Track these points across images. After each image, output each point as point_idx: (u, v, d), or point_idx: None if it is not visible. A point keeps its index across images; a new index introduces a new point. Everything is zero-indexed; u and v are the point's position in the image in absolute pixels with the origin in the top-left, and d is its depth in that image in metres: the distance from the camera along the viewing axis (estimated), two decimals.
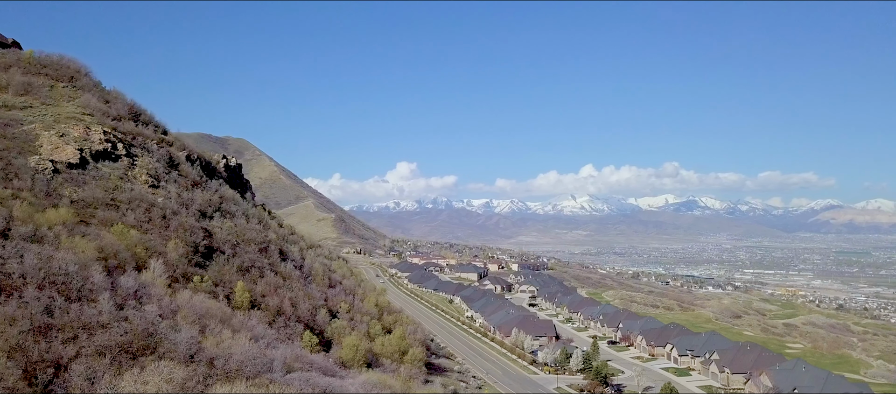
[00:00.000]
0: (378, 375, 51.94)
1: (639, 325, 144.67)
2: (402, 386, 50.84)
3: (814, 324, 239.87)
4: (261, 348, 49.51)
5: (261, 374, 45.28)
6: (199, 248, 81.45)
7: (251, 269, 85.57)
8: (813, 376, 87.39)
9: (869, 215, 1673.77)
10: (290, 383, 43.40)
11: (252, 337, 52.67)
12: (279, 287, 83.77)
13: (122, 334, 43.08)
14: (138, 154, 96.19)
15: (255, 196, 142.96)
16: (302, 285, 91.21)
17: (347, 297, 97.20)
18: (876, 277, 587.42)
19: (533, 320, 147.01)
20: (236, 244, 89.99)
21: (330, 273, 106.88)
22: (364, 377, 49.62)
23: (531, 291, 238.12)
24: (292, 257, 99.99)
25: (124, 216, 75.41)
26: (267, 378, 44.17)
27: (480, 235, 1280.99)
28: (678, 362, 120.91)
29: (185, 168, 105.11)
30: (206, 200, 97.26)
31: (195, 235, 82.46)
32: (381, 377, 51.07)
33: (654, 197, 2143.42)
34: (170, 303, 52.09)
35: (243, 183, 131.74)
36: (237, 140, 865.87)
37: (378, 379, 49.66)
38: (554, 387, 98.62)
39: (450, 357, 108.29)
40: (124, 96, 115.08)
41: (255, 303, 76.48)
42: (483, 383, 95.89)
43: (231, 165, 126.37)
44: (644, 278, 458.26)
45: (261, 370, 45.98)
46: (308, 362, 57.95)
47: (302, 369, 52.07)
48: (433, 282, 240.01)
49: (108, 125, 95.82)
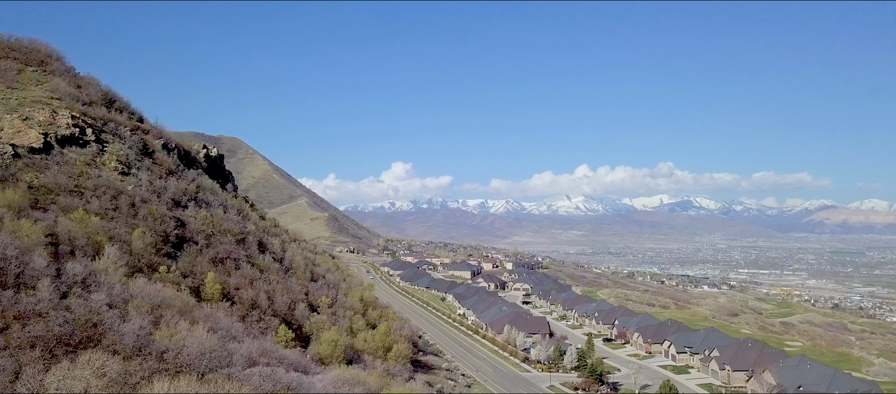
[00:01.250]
0: (352, 371, 47.31)
1: (635, 322, 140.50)
2: (377, 383, 46.24)
3: (811, 322, 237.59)
4: (221, 341, 44.80)
5: (217, 369, 40.67)
6: (170, 237, 76.70)
7: (226, 260, 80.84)
8: (818, 374, 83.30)
9: (863, 216, 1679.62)
10: (249, 379, 38.78)
11: (214, 329, 48.00)
12: (255, 280, 79.11)
13: (60, 325, 38.40)
14: (109, 140, 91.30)
15: (238, 189, 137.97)
16: (281, 279, 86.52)
17: (330, 291, 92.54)
18: (870, 276, 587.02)
19: (526, 316, 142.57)
20: (211, 235, 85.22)
21: (313, 267, 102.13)
22: (336, 373, 45.03)
23: (525, 288, 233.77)
24: (272, 250, 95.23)
25: (88, 203, 70.58)
26: (224, 373, 39.55)
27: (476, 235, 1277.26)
28: (676, 359, 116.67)
29: (161, 156, 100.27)
30: (182, 190, 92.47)
31: (166, 225, 77.74)
32: (354, 374, 46.47)
33: (648, 197, 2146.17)
34: (122, 292, 47.28)
35: (225, 174, 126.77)
36: (230, 139, 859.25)
37: (351, 376, 45.06)
38: (547, 385, 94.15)
39: (438, 355, 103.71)
40: (98, 82, 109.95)
41: (229, 296, 71.85)
42: (472, 382, 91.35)
43: (212, 155, 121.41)
44: (639, 278, 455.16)
45: (218, 365, 41.36)
46: (278, 357, 53.29)
47: (268, 364, 47.50)
48: (425, 280, 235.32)
49: (78, 110, 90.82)
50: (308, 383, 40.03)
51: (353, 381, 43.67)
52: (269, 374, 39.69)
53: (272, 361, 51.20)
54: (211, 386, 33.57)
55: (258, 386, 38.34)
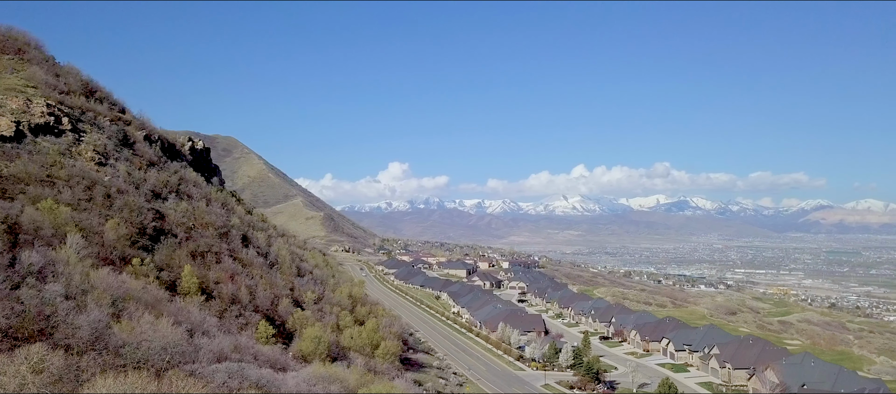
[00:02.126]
0: (331, 368, 44.06)
1: (632, 319, 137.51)
2: (357, 381, 43.01)
3: (809, 321, 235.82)
4: (187, 335, 41.52)
5: (180, 364, 37.40)
6: (147, 230, 73.46)
7: (206, 254, 77.55)
8: (823, 372, 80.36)
9: (859, 215, 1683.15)
10: (213, 376, 35.52)
11: (183, 324, 44.73)
12: (237, 274, 75.84)
13: (6, 316, 35.16)
14: (87, 130, 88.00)
15: (227, 184, 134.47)
16: (265, 273, 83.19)
17: (317, 286, 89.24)
18: (866, 276, 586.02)
19: (521, 314, 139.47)
20: (192, 228, 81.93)
21: (300, 262, 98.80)
22: (311, 370, 41.79)
23: (521, 287, 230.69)
24: (257, 244, 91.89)
25: (60, 193, 67.29)
26: (186, 370, 36.28)
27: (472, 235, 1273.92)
28: (675, 357, 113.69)
29: (142, 147, 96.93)
30: (163, 182, 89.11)
31: (143, 216, 74.51)
32: (332, 371, 43.23)
33: (645, 197, 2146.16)
34: (83, 283, 43.95)
35: (211, 168, 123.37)
36: (225, 138, 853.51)
37: (328, 373, 41.84)
38: (542, 384, 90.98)
39: (430, 353, 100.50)
40: (79, 72, 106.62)
41: (208, 290, 68.61)
42: (465, 381, 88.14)
43: (198, 148, 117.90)
44: (636, 277, 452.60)
45: (182, 361, 38.11)
46: (253, 354, 50.06)
47: (241, 360, 44.25)
48: (420, 278, 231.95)
49: (54, 99, 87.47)
50: (279, 381, 36.75)
51: (330, 378, 40.46)
52: (236, 370, 36.42)
53: (246, 357, 47.94)
54: (165, 384, 30.28)
55: (222, 384, 35.12)
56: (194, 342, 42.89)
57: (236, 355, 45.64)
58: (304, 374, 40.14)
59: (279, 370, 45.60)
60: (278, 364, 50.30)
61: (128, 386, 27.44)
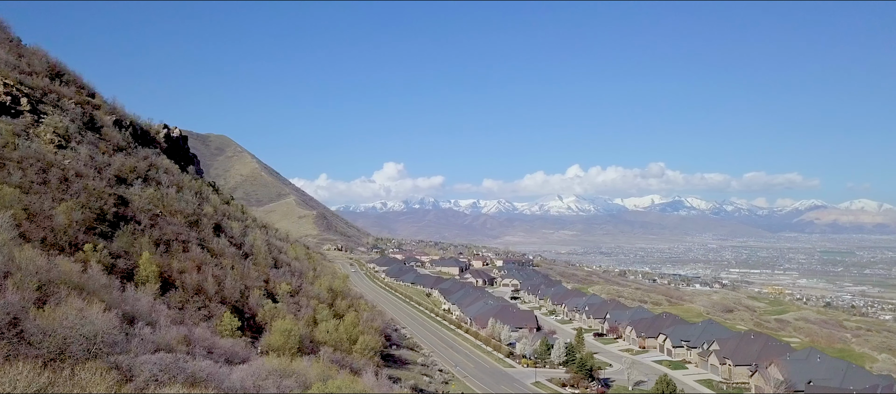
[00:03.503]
0: (287, 362, 39.00)
1: (628, 315, 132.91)
2: (319, 375, 38.02)
3: (806, 319, 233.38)
4: (120, 323, 36.35)
5: (105, 355, 32.30)
6: (107, 215, 68.17)
7: (172, 242, 72.27)
8: (830, 368, 75.92)
9: (852, 216, 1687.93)
10: (141, 368, 30.46)
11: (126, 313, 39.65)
12: (205, 264, 70.62)
13: None
14: (48, 112, 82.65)
15: (203, 173, 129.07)
16: (237, 264, 78.01)
17: (294, 278, 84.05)
18: (860, 276, 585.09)
19: (512, 310, 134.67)
20: (158, 215, 76.63)
21: (278, 254, 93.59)
22: (262, 363, 36.79)
23: (514, 284, 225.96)
24: (230, 234, 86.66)
25: (10, 175, 62.00)
26: (109, 361, 31.20)
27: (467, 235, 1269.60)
28: (672, 353, 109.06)
29: (110, 132, 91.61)
30: (130, 167, 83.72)
31: (103, 201, 69.24)
32: (290, 365, 38.19)
33: (640, 197, 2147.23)
34: (5, 264, 38.74)
35: (189, 157, 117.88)
36: (218, 137, 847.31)
37: (285, 367, 36.83)
38: (532, 381, 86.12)
39: (415, 349, 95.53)
40: (45, 54, 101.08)
41: (170, 280, 63.44)
42: (451, 378, 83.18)
43: (173, 136, 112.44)
44: (631, 277, 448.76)
45: (109, 351, 32.99)
46: (207, 346, 44.98)
47: (188, 352, 39.20)
48: (411, 275, 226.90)
49: (12, 79, 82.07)
50: (221, 375, 31.69)
51: (286, 372, 35.46)
52: (170, 362, 31.33)
53: (197, 350, 42.88)
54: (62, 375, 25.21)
55: (150, 376, 30.14)
56: (134, 333, 37.84)
57: (183, 348, 40.56)
58: (255, 367, 35.11)
59: (233, 364, 40.56)
60: (238, 358, 45.29)
61: (10, 377, 22.40)
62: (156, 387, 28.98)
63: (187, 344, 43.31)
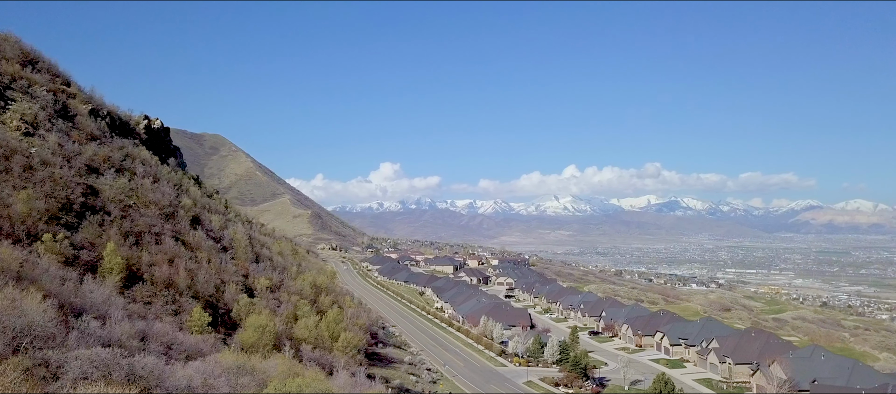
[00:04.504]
0: (244, 358, 35.38)
1: (624, 313, 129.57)
2: (283, 373, 34.42)
3: (804, 319, 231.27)
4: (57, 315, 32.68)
5: (35, 349, 28.67)
6: (73, 205, 64.46)
7: (143, 234, 68.53)
8: (836, 366, 72.70)
9: (848, 216, 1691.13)
10: (69, 364, 26.84)
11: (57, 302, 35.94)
12: (178, 257, 66.92)
13: None
14: (16, 98, 78.81)
15: (187, 165, 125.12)
16: (214, 257, 74.31)
17: (275, 273, 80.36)
18: (856, 276, 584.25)
19: (505, 308, 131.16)
20: (130, 206, 72.82)
21: (260, 248, 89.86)
22: (216, 360, 33.15)
23: (509, 282, 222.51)
24: (209, 227, 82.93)
25: None
26: (37, 356, 27.60)
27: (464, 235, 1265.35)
28: (670, 352, 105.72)
29: (84, 121, 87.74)
30: (103, 156, 79.81)
31: (69, 191, 65.50)
32: (249, 361, 34.59)
33: (636, 197, 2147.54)
34: None
35: (170, 149, 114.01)
36: (213, 136, 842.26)
37: (242, 363, 33.22)
38: (524, 381, 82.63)
39: (403, 347, 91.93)
40: (18, 40, 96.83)
41: (138, 273, 59.80)
42: (439, 377, 79.63)
43: (154, 127, 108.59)
44: (627, 276, 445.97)
45: (41, 345, 29.39)
46: (166, 342, 41.38)
47: (142, 348, 35.61)
48: (404, 274, 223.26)
49: None
50: (164, 372, 28.05)
51: (242, 369, 31.83)
52: (107, 358, 27.73)
53: (154, 345, 39.27)
54: None
55: (83, 372, 26.55)
56: (76, 326, 34.17)
57: (136, 344, 36.93)
58: (208, 365, 31.45)
59: (192, 360, 36.90)
60: (201, 355, 41.65)
61: None
62: (84, 386, 25.42)
63: (142, 340, 39.73)
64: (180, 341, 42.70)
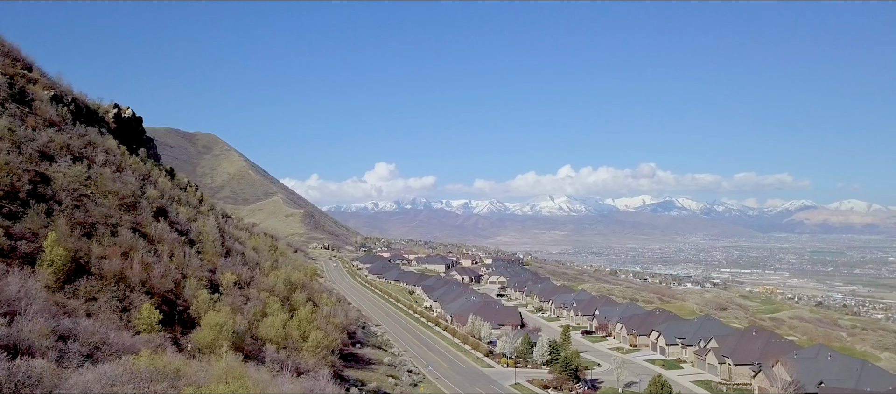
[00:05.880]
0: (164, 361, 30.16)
1: (618, 312, 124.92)
2: (219, 376, 29.35)
3: (800, 318, 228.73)
4: None
5: None
6: (18, 193, 59.07)
7: (98, 225, 63.24)
8: (843, 366, 68.29)
9: (842, 216, 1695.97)
10: None
11: None
12: (134, 250, 61.62)
13: None
14: None
15: (161, 158, 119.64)
16: (177, 251, 69.02)
17: (246, 269, 75.17)
18: (850, 275, 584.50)
19: (495, 307, 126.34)
20: (84, 195, 67.39)
21: (232, 242, 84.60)
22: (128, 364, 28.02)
23: (501, 281, 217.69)
24: (175, 218, 77.63)
25: None
26: None
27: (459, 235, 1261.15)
28: (666, 352, 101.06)
29: (43, 107, 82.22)
30: (60, 144, 74.37)
31: (15, 177, 60.09)
32: (172, 365, 29.52)
33: (631, 198, 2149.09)
34: None
35: (142, 140, 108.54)
36: (206, 135, 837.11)
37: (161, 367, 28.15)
38: (511, 383, 77.75)
39: (384, 348, 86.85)
40: None
41: (86, 266, 54.54)
42: (421, 379, 74.64)
43: (125, 116, 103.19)
44: (622, 275, 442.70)
45: None
46: (94, 342, 36.16)
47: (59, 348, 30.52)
48: (395, 272, 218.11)
49: None
50: (51, 381, 22.91)
51: (159, 374, 26.78)
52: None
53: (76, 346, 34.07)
54: None
55: None
56: None
57: (47, 344, 31.73)
58: (114, 369, 26.32)
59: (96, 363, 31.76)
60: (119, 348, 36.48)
61: None
62: None
63: (61, 339, 34.54)
64: (112, 341, 37.49)
